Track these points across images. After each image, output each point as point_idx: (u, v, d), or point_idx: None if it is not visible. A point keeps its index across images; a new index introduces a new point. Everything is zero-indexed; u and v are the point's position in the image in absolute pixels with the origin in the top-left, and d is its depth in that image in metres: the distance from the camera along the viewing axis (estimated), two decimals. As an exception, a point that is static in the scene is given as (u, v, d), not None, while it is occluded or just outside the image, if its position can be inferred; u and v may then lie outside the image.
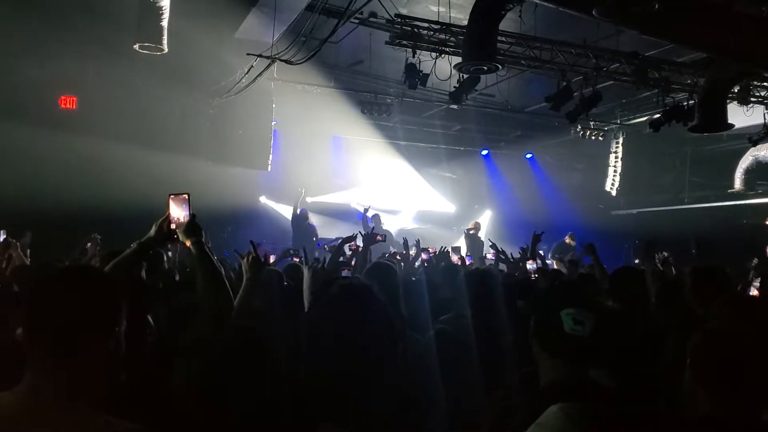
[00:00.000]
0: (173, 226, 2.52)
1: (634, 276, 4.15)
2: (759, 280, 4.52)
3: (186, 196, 2.55)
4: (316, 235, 12.84)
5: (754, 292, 4.42)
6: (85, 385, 1.52)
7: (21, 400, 1.47)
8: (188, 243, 2.47)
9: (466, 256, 9.63)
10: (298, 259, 6.81)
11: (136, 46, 7.93)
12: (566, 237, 12.56)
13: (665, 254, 7.57)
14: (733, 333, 2.21)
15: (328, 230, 13.98)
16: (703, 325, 2.54)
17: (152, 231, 2.55)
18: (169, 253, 5.77)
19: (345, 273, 7.73)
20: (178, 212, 2.53)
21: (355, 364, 1.48)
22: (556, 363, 2.05)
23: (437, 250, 7.98)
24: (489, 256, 8.09)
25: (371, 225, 11.68)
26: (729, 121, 9.87)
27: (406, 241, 7.61)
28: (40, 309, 1.55)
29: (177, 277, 5.03)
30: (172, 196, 2.55)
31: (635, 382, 2.75)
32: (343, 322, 1.53)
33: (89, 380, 1.53)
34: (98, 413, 1.50)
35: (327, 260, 5.50)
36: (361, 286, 1.70)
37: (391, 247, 8.24)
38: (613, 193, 15.99)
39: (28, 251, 6.05)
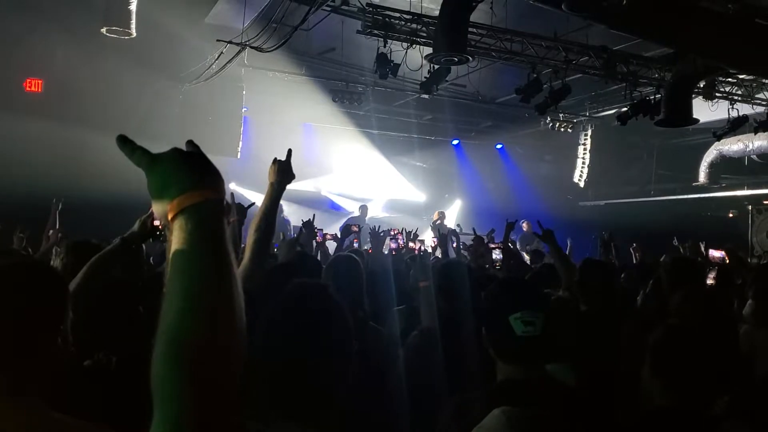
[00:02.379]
0: (157, 222, 2.43)
1: (603, 269, 4.10)
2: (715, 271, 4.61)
3: None
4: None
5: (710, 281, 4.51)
6: (30, 381, 1.46)
7: None
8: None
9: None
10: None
11: (104, 30, 7.80)
12: (523, 224, 12.46)
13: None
14: (689, 327, 2.29)
15: (297, 218, 13.92)
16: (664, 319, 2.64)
17: (135, 227, 2.46)
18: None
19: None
20: None
21: (310, 364, 1.49)
22: (511, 368, 2.00)
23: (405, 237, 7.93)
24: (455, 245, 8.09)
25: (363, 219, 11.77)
26: (694, 116, 10.07)
27: (406, 231, 7.47)
28: None
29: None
30: None
31: (595, 374, 2.81)
32: (297, 323, 1.54)
33: (34, 376, 1.47)
34: (47, 409, 1.44)
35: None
36: (317, 285, 1.70)
37: (355, 243, 8.18)
38: (581, 184, 16.18)
39: None
